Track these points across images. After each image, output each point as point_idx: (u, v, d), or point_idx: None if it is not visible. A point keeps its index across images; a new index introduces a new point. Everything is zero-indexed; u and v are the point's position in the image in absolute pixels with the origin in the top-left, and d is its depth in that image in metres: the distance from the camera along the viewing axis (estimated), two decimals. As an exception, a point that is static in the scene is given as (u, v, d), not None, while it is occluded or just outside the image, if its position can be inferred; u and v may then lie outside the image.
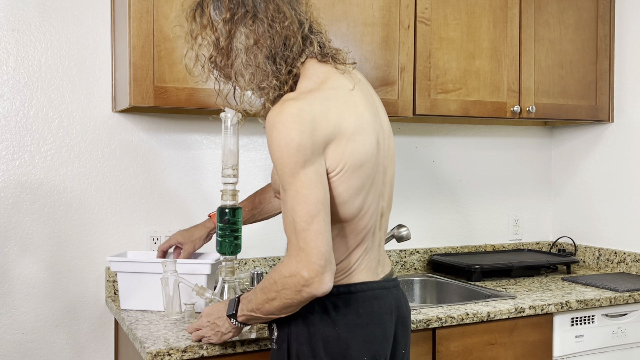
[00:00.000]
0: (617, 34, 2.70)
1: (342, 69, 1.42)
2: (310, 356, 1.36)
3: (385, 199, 1.46)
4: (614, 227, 2.72)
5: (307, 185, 1.26)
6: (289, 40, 1.39)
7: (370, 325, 1.38)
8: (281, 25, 1.38)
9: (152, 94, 1.88)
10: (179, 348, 1.57)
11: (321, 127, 1.29)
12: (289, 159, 1.26)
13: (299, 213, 1.25)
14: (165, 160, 2.25)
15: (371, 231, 1.42)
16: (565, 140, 2.95)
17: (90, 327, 2.14)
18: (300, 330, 1.37)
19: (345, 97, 1.36)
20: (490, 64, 2.40)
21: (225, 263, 1.73)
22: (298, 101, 1.30)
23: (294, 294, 1.27)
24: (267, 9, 1.38)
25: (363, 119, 1.36)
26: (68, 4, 2.10)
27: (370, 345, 1.38)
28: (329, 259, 1.26)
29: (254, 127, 2.38)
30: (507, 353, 2.03)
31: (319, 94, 1.34)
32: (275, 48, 1.38)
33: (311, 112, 1.29)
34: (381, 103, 1.54)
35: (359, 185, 1.35)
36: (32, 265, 2.07)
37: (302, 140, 1.26)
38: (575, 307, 2.12)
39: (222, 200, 1.73)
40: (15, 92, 2.05)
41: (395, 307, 1.45)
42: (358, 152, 1.33)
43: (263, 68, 1.39)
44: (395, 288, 1.48)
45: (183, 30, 1.47)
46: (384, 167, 1.44)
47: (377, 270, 1.45)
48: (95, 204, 2.15)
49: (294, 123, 1.26)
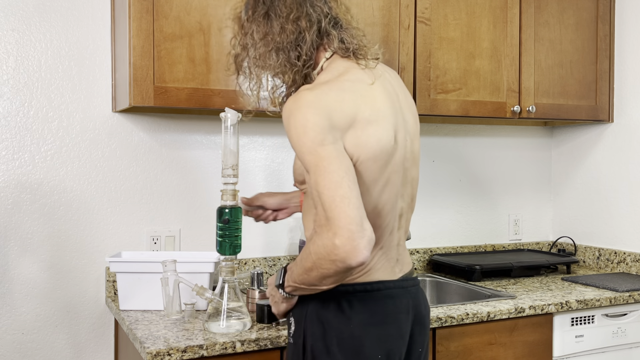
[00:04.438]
0: (617, 34, 2.70)
1: (364, 64, 1.43)
2: (324, 352, 1.37)
3: (405, 199, 1.46)
4: (614, 227, 2.72)
5: (326, 158, 1.25)
6: (301, 36, 1.43)
7: (385, 324, 1.39)
8: (293, 22, 1.42)
9: (152, 94, 1.88)
10: (179, 348, 1.57)
11: (336, 114, 1.30)
12: (306, 138, 1.27)
13: (322, 184, 1.23)
14: (165, 160, 2.25)
15: (388, 230, 1.42)
16: (565, 140, 2.95)
17: (90, 327, 2.14)
18: (316, 327, 1.39)
19: (362, 90, 1.37)
20: (490, 64, 2.41)
21: (225, 263, 1.73)
22: (313, 90, 1.33)
23: (330, 264, 1.22)
24: (278, 6, 1.43)
25: (379, 114, 1.36)
26: (68, 4, 2.10)
27: (385, 343, 1.38)
28: (360, 224, 1.19)
29: (254, 127, 2.38)
30: (507, 353, 2.03)
31: (334, 84, 1.36)
32: (288, 43, 1.42)
33: (326, 100, 1.31)
34: (411, 105, 1.51)
35: (371, 180, 1.35)
36: (32, 265, 2.07)
37: (317, 121, 1.27)
38: (575, 307, 2.12)
39: (222, 200, 1.73)
40: (15, 92, 2.05)
41: (413, 306, 1.45)
42: (372, 145, 1.33)
43: (279, 63, 1.44)
44: (414, 287, 1.48)
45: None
46: (405, 167, 1.44)
47: (395, 270, 1.45)
48: (95, 204, 2.15)
49: (308, 108, 1.29)
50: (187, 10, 1.93)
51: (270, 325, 1.77)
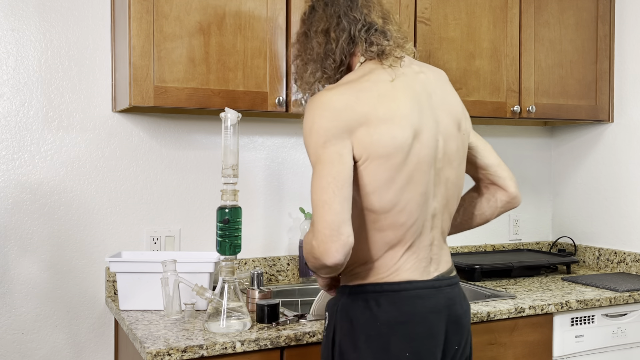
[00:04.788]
0: (617, 34, 2.70)
1: (388, 64, 1.46)
2: (351, 348, 1.41)
3: (439, 200, 1.47)
4: (614, 227, 2.72)
5: (322, 162, 1.34)
6: (329, 46, 1.51)
7: (412, 323, 1.41)
8: (323, 34, 1.52)
9: (152, 94, 1.88)
10: (179, 348, 1.57)
11: (346, 113, 1.36)
12: (311, 139, 1.37)
13: (313, 188, 1.34)
14: (165, 160, 2.25)
15: (415, 230, 1.43)
16: (565, 140, 2.95)
17: (90, 327, 2.14)
18: (345, 323, 1.43)
19: (381, 90, 1.41)
20: (490, 64, 2.41)
21: (225, 263, 1.73)
22: (330, 90, 1.40)
23: (313, 260, 1.37)
24: (313, 22, 1.54)
25: (396, 112, 1.38)
26: (68, 4, 2.10)
27: (412, 342, 1.40)
28: (336, 229, 1.30)
29: (254, 127, 2.38)
30: (507, 353, 2.03)
31: (353, 85, 1.42)
32: (318, 55, 1.53)
33: (338, 101, 1.37)
34: (450, 105, 1.51)
35: (387, 178, 1.37)
36: (32, 265, 2.07)
37: (322, 123, 1.36)
38: (575, 307, 2.12)
39: (222, 200, 1.73)
40: (15, 92, 2.05)
41: (446, 305, 1.46)
42: (384, 142, 1.36)
43: (309, 74, 1.55)
44: (449, 287, 1.49)
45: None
46: (437, 168, 1.45)
47: (429, 269, 1.46)
48: (95, 204, 2.15)
49: (316, 109, 1.38)
50: (187, 10, 1.93)
51: (270, 325, 1.77)
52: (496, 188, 1.66)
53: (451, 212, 1.53)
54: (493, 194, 1.66)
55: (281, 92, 2.05)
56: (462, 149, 1.52)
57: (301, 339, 1.71)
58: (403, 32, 1.55)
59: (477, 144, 1.63)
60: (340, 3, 1.51)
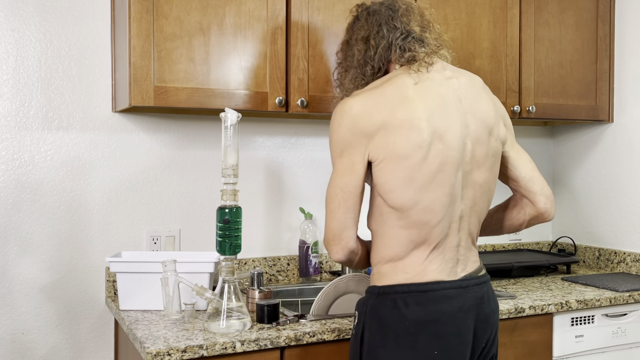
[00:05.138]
0: (617, 34, 2.70)
1: (415, 69, 1.52)
2: (380, 346, 1.46)
3: (466, 202, 1.51)
4: (614, 227, 2.72)
5: (336, 170, 1.49)
6: (368, 53, 1.59)
7: (440, 322, 1.45)
8: (363, 41, 1.60)
9: (152, 94, 1.89)
10: (179, 348, 1.57)
11: (364, 121, 1.45)
12: (331, 147, 1.51)
13: (326, 193, 1.51)
14: (165, 160, 2.25)
15: (441, 230, 1.47)
16: (565, 140, 2.95)
17: (90, 327, 2.14)
18: (373, 322, 1.48)
19: (402, 93, 1.47)
20: (490, 64, 2.41)
21: (225, 263, 1.73)
22: (353, 97, 1.50)
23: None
24: (356, 30, 1.62)
25: (414, 114, 1.44)
26: (68, 4, 2.10)
27: (440, 340, 1.45)
28: (338, 234, 1.49)
29: (254, 127, 2.38)
30: (507, 353, 2.03)
31: (376, 90, 1.49)
32: (357, 61, 1.60)
33: (359, 107, 1.47)
34: (482, 111, 1.54)
35: (405, 177, 1.43)
36: (32, 265, 2.07)
37: (340, 133, 1.48)
38: (575, 307, 2.12)
39: (222, 200, 1.73)
40: (15, 92, 2.05)
41: (475, 304, 1.50)
42: (400, 145, 1.43)
43: (348, 80, 1.63)
44: (477, 286, 1.52)
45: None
46: (465, 171, 1.49)
47: (456, 270, 1.51)
48: (95, 204, 2.15)
49: (337, 116, 1.50)
50: (187, 10, 1.93)
51: (270, 325, 1.77)
52: (526, 201, 1.69)
53: (480, 215, 1.56)
54: (523, 207, 1.70)
55: (281, 93, 2.05)
56: (492, 154, 1.55)
57: (301, 339, 1.71)
58: (441, 40, 1.60)
59: (510, 154, 1.65)
60: (382, 13, 1.59)
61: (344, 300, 1.92)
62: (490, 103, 1.58)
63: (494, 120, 1.56)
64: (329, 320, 1.83)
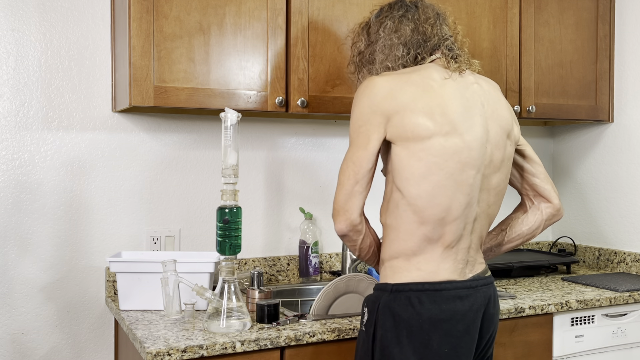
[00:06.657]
0: (617, 34, 2.70)
1: (453, 68, 1.55)
2: (394, 342, 1.47)
3: (481, 205, 1.54)
4: (614, 227, 2.72)
5: (352, 144, 1.51)
6: (415, 37, 1.60)
7: (453, 321, 1.48)
8: (414, 27, 1.61)
9: (152, 94, 1.89)
10: (179, 348, 1.57)
11: (386, 100, 1.47)
12: (352, 121, 1.52)
13: (341, 165, 1.53)
14: (165, 160, 2.25)
15: (455, 229, 1.49)
16: (565, 140, 2.95)
17: (90, 327, 2.14)
18: (387, 318, 1.49)
19: (427, 85, 1.50)
20: (490, 64, 2.40)
21: (225, 263, 1.74)
22: (381, 76, 1.52)
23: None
24: (397, 10, 1.63)
25: (435, 110, 1.46)
26: (68, 4, 2.10)
27: (452, 338, 1.48)
28: (343, 207, 1.50)
29: (254, 127, 2.38)
30: (507, 353, 2.03)
31: (404, 75, 1.51)
32: (405, 39, 1.60)
33: (383, 87, 1.49)
34: (503, 119, 1.57)
35: (423, 168, 1.45)
36: (32, 265, 2.07)
37: (362, 109, 1.50)
38: (575, 307, 2.12)
39: (222, 200, 1.73)
40: (15, 92, 2.05)
41: (483, 304, 1.54)
42: (413, 127, 1.45)
43: (386, 52, 1.63)
44: (484, 286, 1.55)
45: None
46: (484, 174, 1.52)
47: (465, 271, 1.54)
48: (95, 204, 2.15)
49: (360, 94, 1.52)
50: (187, 10, 1.93)
51: (270, 325, 1.77)
52: (541, 199, 1.72)
53: (490, 217, 1.59)
54: (538, 206, 1.72)
55: (281, 93, 2.05)
56: (507, 158, 1.59)
57: (301, 339, 1.71)
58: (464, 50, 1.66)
59: (526, 151, 1.70)
60: (434, 9, 1.63)
61: (344, 300, 1.92)
62: (508, 107, 1.62)
63: (510, 126, 1.60)
64: (329, 320, 1.83)
